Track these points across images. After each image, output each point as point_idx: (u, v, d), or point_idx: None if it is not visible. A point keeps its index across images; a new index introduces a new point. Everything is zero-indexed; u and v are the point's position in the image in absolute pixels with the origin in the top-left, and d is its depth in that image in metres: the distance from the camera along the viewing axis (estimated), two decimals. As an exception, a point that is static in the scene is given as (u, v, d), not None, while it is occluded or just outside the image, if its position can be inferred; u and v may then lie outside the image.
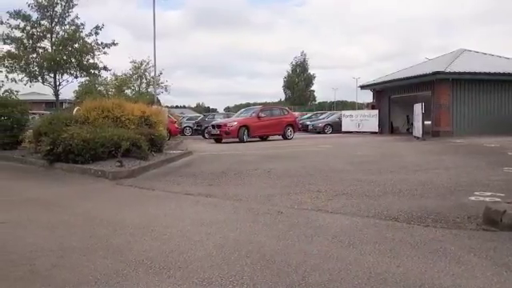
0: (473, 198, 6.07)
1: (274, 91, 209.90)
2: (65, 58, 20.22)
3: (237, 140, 20.49)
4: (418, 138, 20.43)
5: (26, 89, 21.09)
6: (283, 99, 76.46)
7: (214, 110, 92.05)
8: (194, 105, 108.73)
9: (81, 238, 4.50)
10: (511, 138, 18.79)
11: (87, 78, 24.81)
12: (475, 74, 22.32)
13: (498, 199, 5.75)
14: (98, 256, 3.91)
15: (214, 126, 21.92)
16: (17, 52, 19.87)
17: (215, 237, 4.46)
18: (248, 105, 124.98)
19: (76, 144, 9.64)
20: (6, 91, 14.36)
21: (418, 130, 20.92)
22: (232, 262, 3.69)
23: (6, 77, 18.61)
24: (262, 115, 22.34)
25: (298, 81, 69.95)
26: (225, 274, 3.39)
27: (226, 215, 5.48)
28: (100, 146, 9.89)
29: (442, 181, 7.66)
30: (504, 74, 22.70)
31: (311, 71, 72.01)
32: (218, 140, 21.33)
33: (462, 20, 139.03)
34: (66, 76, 21.54)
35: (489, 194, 6.28)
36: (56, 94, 21.68)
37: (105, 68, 22.03)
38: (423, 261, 3.64)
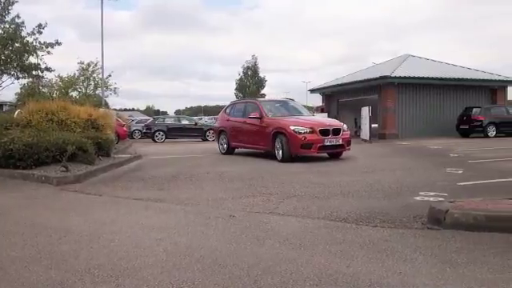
0: (418, 198, 6.28)
1: (227, 94, 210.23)
2: (3, 58, 19.28)
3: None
4: (365, 140, 20.96)
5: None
6: (234, 102, 76.41)
7: (165, 113, 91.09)
8: (143, 107, 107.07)
9: (22, 248, 4.28)
10: (453, 140, 19.71)
11: (30, 79, 23.83)
12: (419, 78, 23.25)
13: (442, 199, 5.98)
14: (41, 266, 3.73)
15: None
16: None
17: (166, 242, 4.37)
18: (199, 108, 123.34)
19: (17, 148, 9.20)
20: None
21: (365, 132, 21.48)
22: (183, 267, 3.63)
23: None
24: None
25: (250, 84, 70.20)
26: (176, 280, 3.32)
27: (177, 220, 5.39)
28: (44, 151, 9.49)
29: (389, 182, 7.88)
30: (446, 79, 23.83)
31: (264, 74, 72.36)
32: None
33: (410, 26, 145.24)
34: (5, 77, 20.58)
35: (433, 194, 6.52)
36: (-5, 95, 20.68)
37: (47, 69, 21.20)
38: (372, 260, 3.72)
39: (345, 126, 12.86)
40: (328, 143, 11.87)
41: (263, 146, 12.97)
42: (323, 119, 14.02)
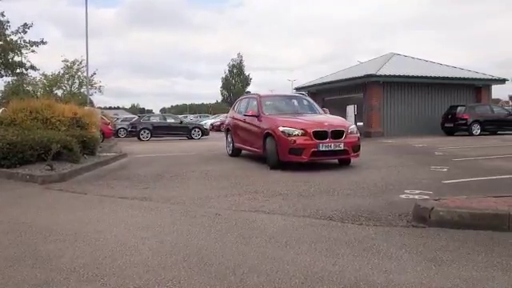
0: (403, 196, 6.33)
1: (212, 92, 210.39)
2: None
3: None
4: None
5: None
6: (220, 100, 76.82)
7: (150, 111, 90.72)
8: (129, 105, 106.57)
9: (6, 247, 4.23)
10: (437, 139, 19.90)
11: (14, 77, 23.54)
12: (404, 76, 23.43)
13: (427, 197, 6.04)
14: (26, 265, 3.69)
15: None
16: None
17: (151, 241, 4.35)
18: (185, 106, 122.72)
19: (1, 147, 9.09)
20: None
21: (351, 130, 21.57)
22: (169, 266, 3.61)
23: None
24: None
25: (235, 82, 70.33)
26: (161, 279, 3.31)
27: (163, 219, 5.37)
28: (28, 149, 9.38)
29: (374, 180, 7.93)
30: (431, 78, 24.03)
31: (249, 72, 72.72)
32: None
33: (396, 25, 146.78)
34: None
35: (418, 192, 6.58)
36: (-22, 94, 20.37)
37: (32, 67, 20.97)
38: (358, 258, 3.74)
39: (352, 126, 10.44)
40: (324, 148, 9.54)
41: (257, 149, 11.06)
42: (325, 118, 10.77)
